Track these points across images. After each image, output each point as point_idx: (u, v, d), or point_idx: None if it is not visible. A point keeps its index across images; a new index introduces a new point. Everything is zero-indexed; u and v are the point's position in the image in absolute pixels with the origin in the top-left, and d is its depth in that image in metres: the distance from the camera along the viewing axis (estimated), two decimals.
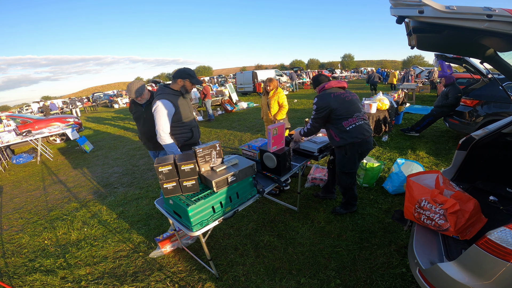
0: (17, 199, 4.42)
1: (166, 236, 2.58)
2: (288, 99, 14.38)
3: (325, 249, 2.45)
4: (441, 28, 1.40)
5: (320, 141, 2.96)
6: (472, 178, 2.41)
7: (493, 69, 4.60)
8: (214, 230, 2.85)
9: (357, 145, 2.57)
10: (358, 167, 2.80)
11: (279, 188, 3.55)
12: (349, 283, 2.07)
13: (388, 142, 5.28)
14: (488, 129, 2.38)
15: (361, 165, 3.43)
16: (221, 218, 1.96)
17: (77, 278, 2.39)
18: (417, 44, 1.84)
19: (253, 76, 19.26)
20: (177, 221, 1.99)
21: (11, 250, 2.95)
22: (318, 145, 2.85)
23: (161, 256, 2.54)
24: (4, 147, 6.90)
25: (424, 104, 9.91)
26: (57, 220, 3.51)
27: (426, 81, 16.12)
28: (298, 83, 21.91)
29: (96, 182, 4.84)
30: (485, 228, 1.67)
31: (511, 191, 2.18)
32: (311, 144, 2.88)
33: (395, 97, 6.68)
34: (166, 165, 1.90)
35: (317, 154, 2.77)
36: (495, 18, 1.21)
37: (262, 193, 2.21)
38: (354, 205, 2.94)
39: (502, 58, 1.84)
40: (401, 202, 3.08)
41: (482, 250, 1.29)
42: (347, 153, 2.60)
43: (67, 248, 2.87)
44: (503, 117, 3.67)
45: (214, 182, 1.93)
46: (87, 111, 21.48)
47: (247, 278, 2.21)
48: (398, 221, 2.12)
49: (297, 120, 8.59)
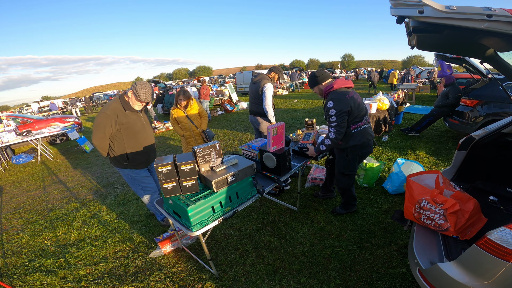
0: (17, 199, 4.42)
1: (166, 236, 2.58)
2: (288, 99, 14.48)
3: (325, 249, 2.45)
4: (441, 28, 1.41)
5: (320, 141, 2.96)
6: (472, 178, 2.41)
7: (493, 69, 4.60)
8: (214, 230, 2.85)
9: (359, 148, 2.52)
10: (357, 169, 2.78)
11: (279, 188, 3.56)
12: (349, 283, 2.07)
13: (388, 142, 5.28)
14: (488, 129, 2.38)
15: (361, 165, 3.43)
16: (221, 218, 1.96)
17: (77, 278, 2.39)
18: (417, 44, 1.83)
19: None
20: (177, 221, 1.99)
21: (11, 250, 2.95)
22: None
23: (161, 256, 2.54)
24: (4, 147, 6.90)
25: (424, 104, 9.91)
26: (57, 220, 3.51)
27: (426, 81, 16.11)
28: (298, 83, 21.91)
29: (96, 182, 4.84)
30: (485, 228, 1.67)
31: (511, 191, 2.19)
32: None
33: (395, 97, 6.69)
34: (165, 165, 1.90)
35: (317, 154, 2.77)
36: (495, 18, 1.21)
37: (262, 193, 2.21)
38: (354, 205, 2.94)
39: (502, 58, 1.83)
40: (401, 202, 3.08)
41: (482, 250, 1.29)
42: (348, 155, 2.56)
43: (67, 248, 2.87)
44: (503, 117, 3.67)
45: (213, 182, 1.93)
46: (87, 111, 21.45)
47: (247, 278, 2.21)
48: (398, 221, 2.12)
49: (297, 120, 8.61)
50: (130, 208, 3.61)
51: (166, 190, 1.96)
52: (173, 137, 7.93)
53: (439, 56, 4.61)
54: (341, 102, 2.31)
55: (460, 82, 8.52)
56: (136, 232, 3.03)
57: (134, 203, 3.77)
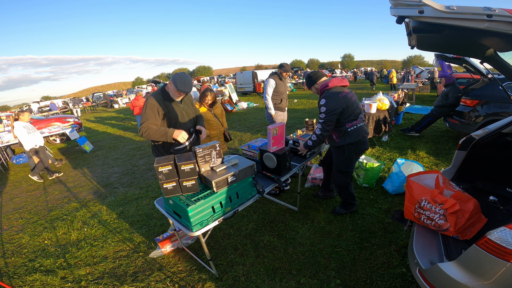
0: (17, 199, 4.42)
1: (166, 236, 2.58)
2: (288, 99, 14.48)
3: (325, 249, 2.45)
4: (441, 28, 1.41)
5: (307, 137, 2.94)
6: (472, 178, 2.41)
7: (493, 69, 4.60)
8: (214, 230, 2.85)
9: (355, 145, 2.56)
10: (354, 166, 2.79)
11: (279, 188, 3.56)
12: (349, 283, 2.07)
13: (388, 142, 5.28)
14: (488, 129, 2.37)
15: (361, 165, 3.43)
16: (221, 218, 1.96)
17: (77, 278, 2.39)
18: (417, 44, 1.84)
19: (253, 76, 19.17)
20: (177, 221, 1.99)
21: (11, 250, 2.95)
22: None
23: (161, 256, 2.54)
24: (4, 147, 6.90)
25: (424, 104, 9.92)
26: (57, 220, 3.51)
27: (426, 81, 16.07)
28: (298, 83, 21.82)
29: (96, 182, 4.84)
30: (485, 228, 1.67)
31: (511, 191, 2.18)
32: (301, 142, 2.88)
33: (395, 97, 6.68)
34: (166, 165, 1.91)
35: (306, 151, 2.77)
36: (495, 18, 1.21)
37: (262, 193, 2.21)
38: (353, 205, 2.94)
39: (502, 58, 1.84)
40: (401, 202, 3.08)
41: (482, 250, 1.29)
42: (345, 152, 2.59)
43: (67, 248, 2.87)
44: (503, 117, 3.67)
45: (214, 182, 1.93)
46: (87, 111, 21.47)
47: (247, 278, 2.21)
48: (398, 221, 2.13)
49: (297, 120, 8.61)
50: (130, 208, 3.61)
51: (166, 190, 1.96)
52: None
53: (439, 56, 4.61)
54: (332, 101, 2.38)
55: (460, 82, 8.52)
56: (136, 232, 3.03)
57: (134, 203, 3.77)
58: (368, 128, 4.82)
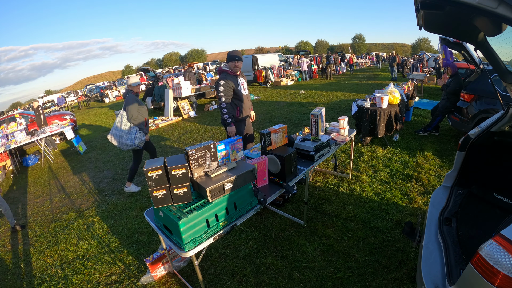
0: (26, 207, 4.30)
1: (156, 257, 2.37)
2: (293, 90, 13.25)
3: (334, 274, 2.22)
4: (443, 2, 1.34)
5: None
6: (471, 182, 2.20)
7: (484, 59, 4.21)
8: (209, 250, 2.62)
9: None
10: None
11: (283, 197, 3.29)
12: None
13: (399, 142, 4.96)
14: (480, 128, 2.17)
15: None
16: (217, 236, 1.74)
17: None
18: (424, 24, 1.75)
19: (253, 62, 15.51)
20: (167, 238, 1.77)
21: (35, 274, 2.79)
22: (314, 143, 2.66)
23: (151, 283, 2.34)
24: (18, 148, 6.69)
25: (431, 98, 9.03)
26: (57, 234, 3.37)
27: (432, 70, 14.52)
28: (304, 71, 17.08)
29: (88, 188, 4.67)
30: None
31: (498, 197, 1.97)
32: (307, 143, 2.70)
33: (405, 89, 6.24)
34: (156, 169, 1.69)
35: (313, 153, 2.58)
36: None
37: (264, 203, 1.96)
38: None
39: (490, 45, 1.78)
40: (411, 212, 2.80)
41: (475, 271, 1.14)
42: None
43: (64, 269, 2.71)
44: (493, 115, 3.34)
45: (208, 190, 1.70)
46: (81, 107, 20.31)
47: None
48: (408, 235, 1.99)
49: (304, 115, 7.71)
50: (120, 221, 3.40)
51: (156, 199, 1.74)
52: (165, 136, 7.51)
53: (443, 40, 4.33)
54: None
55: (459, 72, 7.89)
56: (126, 250, 2.83)
57: (123, 214, 3.56)
58: (379, 125, 4.48)
